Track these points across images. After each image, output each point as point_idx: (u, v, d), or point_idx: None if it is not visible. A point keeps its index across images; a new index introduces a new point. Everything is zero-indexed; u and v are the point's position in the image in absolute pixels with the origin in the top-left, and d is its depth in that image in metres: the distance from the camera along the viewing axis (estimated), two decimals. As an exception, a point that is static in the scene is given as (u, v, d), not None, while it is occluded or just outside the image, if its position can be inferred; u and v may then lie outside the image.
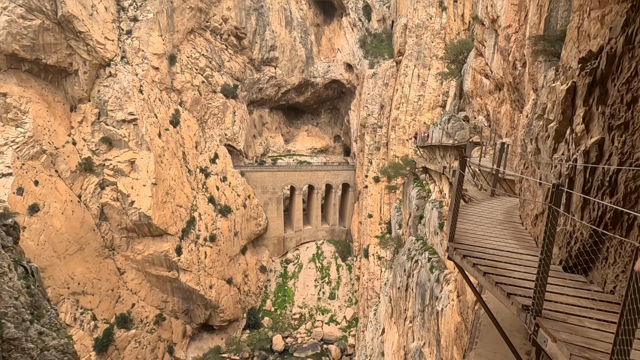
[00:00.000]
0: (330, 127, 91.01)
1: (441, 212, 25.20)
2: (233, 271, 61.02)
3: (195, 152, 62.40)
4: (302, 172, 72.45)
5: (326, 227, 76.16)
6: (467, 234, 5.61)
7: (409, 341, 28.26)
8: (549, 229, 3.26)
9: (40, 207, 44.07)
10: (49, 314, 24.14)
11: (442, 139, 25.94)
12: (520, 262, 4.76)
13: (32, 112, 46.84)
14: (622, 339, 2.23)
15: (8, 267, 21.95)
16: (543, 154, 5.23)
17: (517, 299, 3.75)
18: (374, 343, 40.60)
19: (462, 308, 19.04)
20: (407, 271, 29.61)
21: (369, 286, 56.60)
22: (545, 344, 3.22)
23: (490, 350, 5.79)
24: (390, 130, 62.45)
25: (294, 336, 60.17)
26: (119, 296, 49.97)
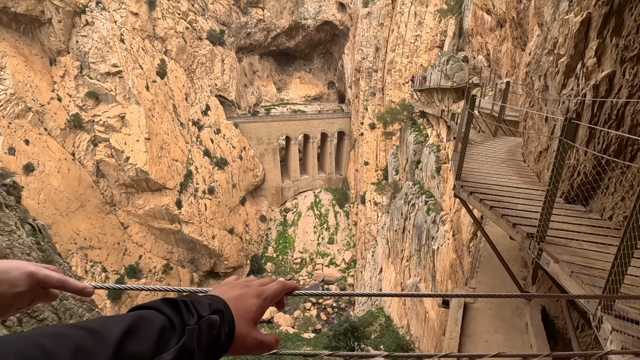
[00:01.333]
0: (324, 72, 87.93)
1: (438, 157, 25.51)
2: (234, 221, 62.73)
3: (186, 104, 60.70)
4: (297, 122, 71.40)
5: (323, 176, 77.03)
6: (472, 173, 5.82)
7: (405, 278, 30.22)
8: (558, 161, 3.42)
9: (35, 167, 43.76)
10: (62, 268, 25.18)
11: (441, 82, 25.42)
12: (523, 196, 5.02)
13: (9, 67, 44.48)
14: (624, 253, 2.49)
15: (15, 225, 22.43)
16: (551, 90, 5.24)
17: (522, 228, 4.04)
18: (372, 281, 43.34)
19: (457, 246, 20.14)
20: (404, 214, 30.70)
21: (366, 230, 58.87)
22: (547, 265, 3.55)
23: (489, 278, 6.31)
24: (386, 74, 60.59)
25: (296, 279, 63.73)
26: (126, 249, 51.72)
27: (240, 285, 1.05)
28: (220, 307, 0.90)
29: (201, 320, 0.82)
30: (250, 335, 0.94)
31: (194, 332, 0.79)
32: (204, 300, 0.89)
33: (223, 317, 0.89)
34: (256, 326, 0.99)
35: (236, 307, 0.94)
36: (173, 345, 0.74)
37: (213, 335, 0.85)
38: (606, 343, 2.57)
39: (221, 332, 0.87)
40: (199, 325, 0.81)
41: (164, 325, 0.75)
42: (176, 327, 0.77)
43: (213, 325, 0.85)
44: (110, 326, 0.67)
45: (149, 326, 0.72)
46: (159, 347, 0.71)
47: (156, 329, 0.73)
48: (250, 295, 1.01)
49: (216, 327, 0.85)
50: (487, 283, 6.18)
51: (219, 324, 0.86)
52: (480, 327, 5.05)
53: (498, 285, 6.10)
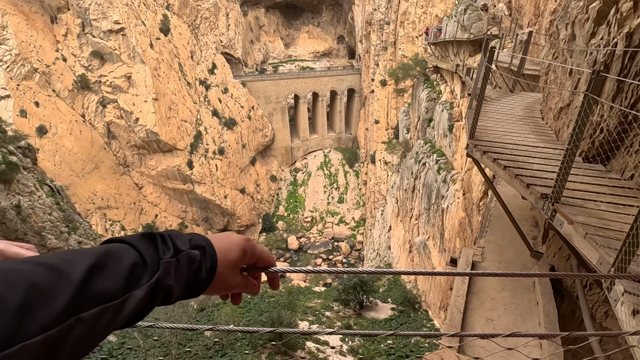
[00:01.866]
0: (333, 26, 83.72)
1: (451, 114, 24.75)
2: (245, 181, 63.59)
3: (192, 62, 59.21)
4: (305, 79, 69.38)
5: (332, 135, 76.21)
6: (486, 131, 5.59)
7: (414, 236, 30.75)
8: (582, 118, 3.21)
9: (48, 129, 44.22)
10: (83, 226, 26.27)
11: (457, 34, 23.95)
12: (539, 155, 4.83)
13: (11, 26, 43.47)
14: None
15: (34, 187, 23.15)
16: (578, 40, 4.83)
17: (536, 188, 3.91)
18: (381, 239, 44.33)
19: (467, 205, 20.13)
20: (414, 173, 30.53)
21: (376, 190, 59.16)
22: (561, 226, 3.47)
23: (499, 237, 6.31)
24: (399, 27, 57.34)
25: (307, 236, 65.60)
26: (142, 208, 53.41)
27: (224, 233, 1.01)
28: (201, 243, 0.86)
29: (179, 254, 0.78)
30: (231, 275, 0.92)
31: (170, 266, 0.75)
32: (184, 236, 0.85)
33: (205, 253, 0.85)
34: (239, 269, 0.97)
35: (220, 246, 0.91)
36: (145, 281, 0.70)
37: (193, 269, 0.81)
38: (617, 305, 2.55)
39: (202, 267, 0.83)
40: (177, 259, 0.77)
41: (136, 261, 0.70)
42: (148, 262, 0.72)
43: (193, 259, 0.81)
44: (73, 261, 0.60)
45: (118, 261, 0.67)
46: (129, 283, 0.67)
47: (126, 265, 0.68)
48: (236, 237, 0.98)
49: (196, 262, 0.82)
50: (496, 242, 6.18)
51: (199, 259, 0.83)
52: (487, 285, 5.12)
53: (507, 245, 6.10)
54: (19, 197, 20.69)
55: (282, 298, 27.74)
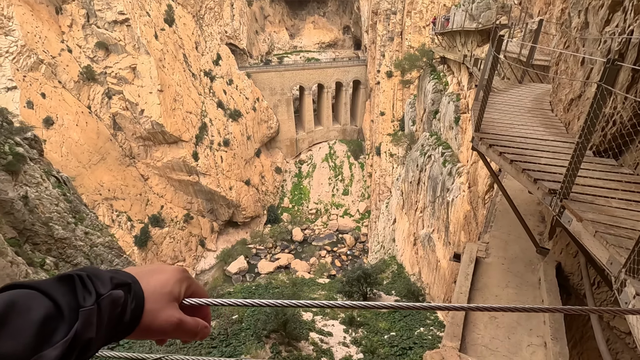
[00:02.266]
0: (339, 16, 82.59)
1: (458, 106, 24.36)
2: (250, 173, 63.69)
3: (197, 53, 58.93)
4: (311, 70, 68.77)
5: (338, 127, 75.78)
6: (493, 124, 5.41)
7: (418, 228, 30.61)
8: (594, 110, 3.04)
9: (54, 120, 44.47)
10: (89, 217, 26.52)
11: (465, 23, 23.43)
12: (548, 149, 4.66)
13: (17, 17, 43.48)
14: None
15: (41, 178, 23.34)
16: (592, 28, 4.61)
17: (544, 183, 3.76)
18: (385, 231, 44.26)
19: (472, 198, 19.91)
20: (419, 166, 30.26)
21: (381, 182, 58.89)
22: (569, 224, 3.33)
23: (504, 232, 6.16)
24: (406, 17, 56.35)
25: (311, 228, 65.76)
26: (148, 199, 53.83)
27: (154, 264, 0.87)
28: (125, 280, 0.73)
29: (100, 298, 0.66)
30: (165, 312, 0.77)
31: (91, 315, 0.64)
32: (105, 274, 0.71)
33: (130, 290, 0.72)
34: (177, 304, 0.80)
35: (149, 280, 0.77)
36: (60, 337, 0.58)
37: (116, 314, 0.69)
38: (627, 307, 2.43)
39: (126, 308, 0.71)
40: (99, 305, 0.66)
41: (48, 313, 0.58)
42: (65, 312, 0.61)
43: (115, 302, 0.69)
44: None
45: (24, 315, 0.55)
46: (39, 341, 0.55)
47: (35, 319, 0.56)
48: (170, 267, 0.84)
49: (120, 305, 0.70)
50: (501, 238, 6.04)
51: (123, 300, 0.70)
52: (491, 282, 5.01)
53: (512, 241, 5.96)
54: (26, 188, 20.90)
55: (286, 289, 27.90)
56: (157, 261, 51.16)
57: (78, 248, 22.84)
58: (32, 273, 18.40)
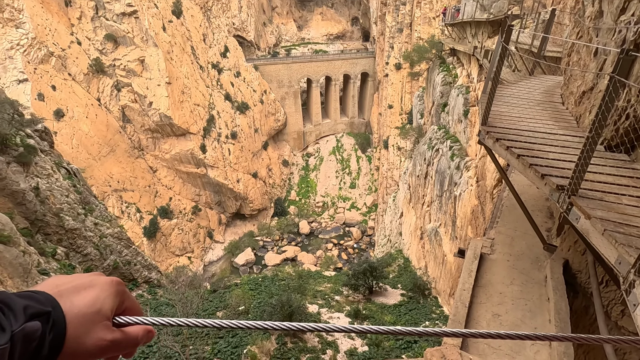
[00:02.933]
0: (347, 7, 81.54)
1: (467, 99, 23.95)
2: (257, 166, 63.86)
3: (204, 45, 58.85)
4: (318, 63, 68.24)
5: (345, 120, 75.34)
6: (501, 117, 5.26)
7: (425, 222, 30.43)
8: (606, 103, 2.91)
9: (65, 112, 45.00)
10: (99, 208, 26.88)
11: (475, 14, 22.90)
12: (557, 143, 4.51)
13: (27, 10, 43.83)
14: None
15: (52, 169, 23.68)
16: (606, 17, 4.41)
17: (552, 179, 3.64)
18: (392, 225, 44.12)
19: (480, 193, 19.66)
20: (427, 160, 29.96)
21: (388, 175, 58.57)
22: (577, 221, 3.22)
23: (510, 228, 6.04)
24: (415, 7, 55.35)
25: (318, 221, 65.91)
26: (157, 191, 54.42)
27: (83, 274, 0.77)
28: (42, 308, 0.64)
29: (13, 332, 0.58)
30: (92, 335, 0.68)
31: (2, 356, 0.56)
32: (17, 303, 0.61)
33: (48, 320, 0.64)
34: (109, 323, 0.71)
35: (73, 300, 0.68)
36: None
37: (31, 348, 0.60)
38: (636, 309, 2.34)
39: (44, 341, 0.62)
40: (11, 342, 0.57)
41: None
42: None
43: (30, 336, 0.60)
44: None
45: None
46: None
47: None
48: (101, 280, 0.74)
49: (35, 339, 0.61)
50: (507, 234, 5.92)
51: (40, 332, 0.61)
52: (495, 278, 4.92)
53: (519, 237, 5.83)
54: (37, 179, 21.23)
55: (292, 281, 28.07)
56: (165, 252, 51.92)
57: (88, 239, 23.22)
58: (44, 262, 18.79)
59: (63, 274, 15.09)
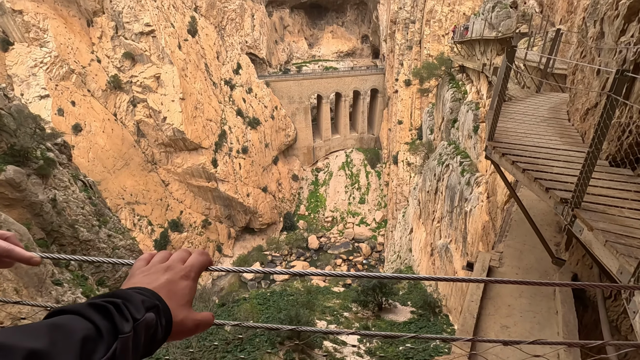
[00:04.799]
0: (357, 25, 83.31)
1: (477, 115, 24.08)
2: (267, 180, 64.42)
3: (218, 63, 60.59)
4: (329, 79, 69.43)
5: (355, 136, 75.87)
6: (507, 133, 5.41)
7: (436, 239, 30.13)
8: (604, 120, 3.06)
9: (83, 127, 46.51)
10: (113, 220, 27.43)
11: (484, 32, 23.28)
12: (562, 158, 4.63)
13: (51, 30, 46.05)
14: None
15: (69, 182, 24.40)
16: (607, 38, 4.59)
17: (556, 192, 3.76)
18: (402, 241, 43.70)
19: (491, 208, 19.53)
20: (437, 175, 29.92)
21: (398, 191, 58.39)
22: (580, 233, 3.32)
23: (519, 242, 6.09)
24: (425, 26, 56.32)
25: (327, 236, 65.64)
26: (168, 205, 55.20)
27: (163, 268, 0.97)
28: (154, 302, 0.82)
29: (136, 323, 0.74)
30: (188, 318, 0.90)
31: (128, 341, 0.70)
32: (136, 298, 0.79)
33: (159, 312, 0.82)
34: (190, 306, 0.94)
35: (169, 296, 0.88)
36: (99, 357, 0.64)
37: (150, 335, 0.78)
38: (635, 317, 2.42)
39: (158, 328, 0.81)
40: (135, 331, 0.73)
41: (88, 334, 0.65)
42: (104, 335, 0.67)
43: (149, 325, 0.78)
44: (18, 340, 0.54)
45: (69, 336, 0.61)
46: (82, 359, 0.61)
47: (78, 339, 0.62)
48: (178, 277, 0.95)
49: (153, 326, 0.79)
50: (516, 247, 5.96)
51: (155, 321, 0.80)
52: (503, 291, 4.96)
53: (527, 250, 5.87)
54: (54, 192, 21.89)
55: (300, 297, 27.89)
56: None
57: (101, 250, 23.64)
58: (58, 273, 19.17)
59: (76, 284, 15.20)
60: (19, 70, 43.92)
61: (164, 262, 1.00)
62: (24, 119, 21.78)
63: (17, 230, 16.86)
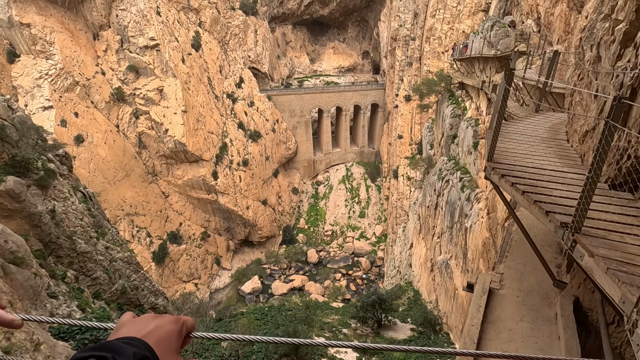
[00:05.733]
0: (358, 42, 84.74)
1: (476, 131, 24.22)
2: (267, 193, 64.35)
3: (220, 76, 61.36)
4: (330, 94, 70.19)
5: (355, 149, 76.20)
6: (506, 153, 5.42)
7: (436, 254, 29.88)
8: (602, 145, 3.06)
9: (85, 138, 46.76)
10: (111, 232, 27.26)
11: (483, 50, 23.63)
12: (562, 181, 4.62)
13: (58, 43, 46.81)
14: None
15: (69, 193, 24.35)
16: (604, 62, 4.64)
17: (556, 216, 3.73)
18: (402, 256, 43.33)
19: (491, 225, 19.43)
20: (437, 190, 29.89)
21: (398, 205, 58.24)
22: (581, 259, 3.28)
23: (519, 263, 6.02)
24: (425, 43, 57.27)
25: (326, 250, 65.13)
26: (167, 216, 55.00)
27: (153, 316, 0.98)
28: (144, 353, 0.82)
29: None
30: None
31: None
32: (126, 351, 0.79)
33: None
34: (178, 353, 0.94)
35: (158, 343, 0.89)
36: None
37: None
38: (639, 349, 2.36)
39: None
40: None
41: None
42: None
43: None
44: None
45: None
46: None
47: None
48: (167, 322, 0.96)
49: None
50: (516, 268, 5.89)
51: None
52: (504, 314, 4.87)
53: (528, 272, 5.80)
54: (54, 202, 21.81)
55: (299, 312, 27.50)
56: (172, 278, 51.66)
57: (98, 262, 23.41)
58: (54, 285, 18.94)
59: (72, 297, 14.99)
60: (24, 82, 44.45)
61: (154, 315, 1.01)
62: (26, 130, 21.87)
63: (14, 242, 16.74)
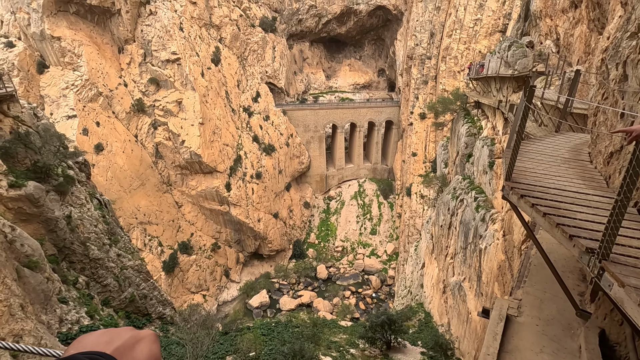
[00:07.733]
0: (374, 60, 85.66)
1: (492, 150, 23.79)
2: (279, 206, 64.41)
3: (238, 90, 62.70)
4: (344, 110, 70.72)
5: (368, 166, 75.97)
6: (525, 173, 5.21)
7: (448, 275, 29.02)
8: (633, 167, 2.87)
9: (104, 146, 48.11)
10: (123, 240, 27.57)
11: (500, 70, 23.46)
12: (586, 203, 4.39)
13: (85, 55, 48.90)
14: None
15: (85, 199, 24.87)
16: (631, 81, 4.46)
17: (581, 241, 3.51)
18: (413, 276, 42.31)
19: (507, 247, 18.79)
20: (451, 210, 29.29)
21: (410, 223, 57.34)
22: (610, 288, 3.04)
23: (539, 289, 5.70)
24: (440, 62, 57.45)
25: (336, 266, 64.26)
26: (179, 226, 55.50)
27: (129, 328, 0.91)
28: None
29: None
30: None
31: None
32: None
33: None
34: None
35: (133, 357, 0.81)
36: None
37: None
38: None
39: None
40: None
41: None
42: None
43: None
44: None
45: None
46: None
47: None
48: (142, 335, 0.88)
49: None
50: (536, 295, 5.57)
51: None
52: (523, 344, 4.57)
53: (548, 299, 5.47)
54: (70, 208, 22.27)
55: (306, 329, 26.92)
56: (181, 288, 51.67)
57: (109, 269, 23.61)
58: (65, 290, 19.12)
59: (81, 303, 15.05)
60: (51, 92, 46.36)
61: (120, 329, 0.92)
62: (49, 137, 22.59)
63: (30, 246, 17.05)
